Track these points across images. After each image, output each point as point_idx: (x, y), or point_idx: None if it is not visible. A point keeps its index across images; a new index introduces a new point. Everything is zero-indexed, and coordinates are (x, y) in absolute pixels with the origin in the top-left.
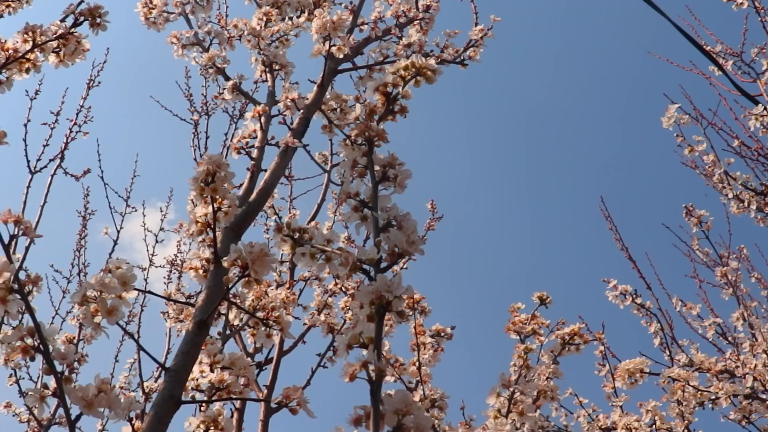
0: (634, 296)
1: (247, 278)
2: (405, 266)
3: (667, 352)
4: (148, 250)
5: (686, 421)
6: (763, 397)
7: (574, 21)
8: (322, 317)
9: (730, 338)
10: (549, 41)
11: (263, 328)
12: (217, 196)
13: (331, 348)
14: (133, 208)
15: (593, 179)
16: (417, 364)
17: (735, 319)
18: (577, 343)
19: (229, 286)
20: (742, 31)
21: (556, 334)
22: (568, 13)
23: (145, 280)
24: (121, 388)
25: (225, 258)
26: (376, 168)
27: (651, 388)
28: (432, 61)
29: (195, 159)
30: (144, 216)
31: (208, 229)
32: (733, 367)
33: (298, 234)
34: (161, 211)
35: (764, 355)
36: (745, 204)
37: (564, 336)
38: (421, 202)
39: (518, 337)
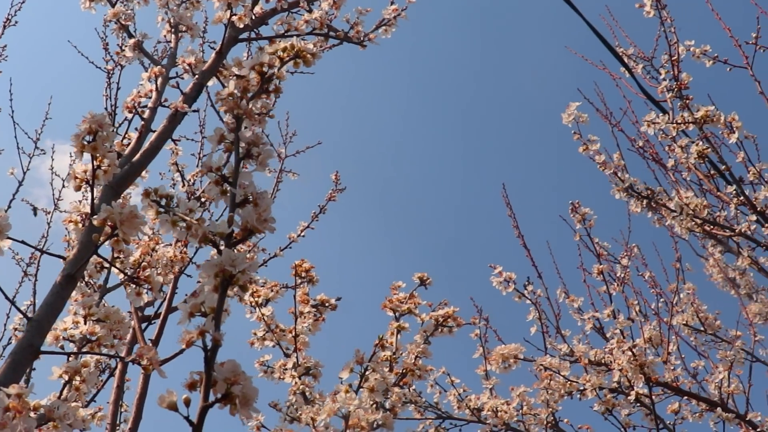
0: (517, 284)
1: (116, 238)
2: (302, 234)
3: (550, 341)
4: (53, 195)
5: (551, 409)
6: (628, 392)
7: (498, 11)
8: None
9: (607, 333)
10: (469, 27)
11: (133, 286)
12: (98, 154)
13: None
14: (41, 150)
15: (505, 167)
16: (293, 331)
17: (606, 316)
18: (450, 325)
19: (98, 244)
20: (655, 36)
21: (430, 315)
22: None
23: (48, 224)
24: None
25: (95, 216)
26: (242, 145)
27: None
28: (311, 45)
29: (106, 108)
30: (52, 159)
31: (86, 186)
32: (607, 361)
33: (164, 200)
34: (71, 156)
35: (629, 352)
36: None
37: (438, 317)
38: (327, 172)
39: (394, 315)
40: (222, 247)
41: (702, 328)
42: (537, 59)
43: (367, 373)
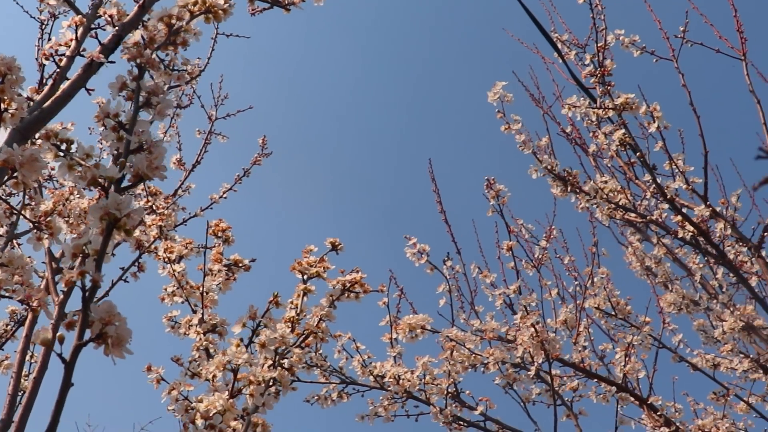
0: (430, 256)
1: (15, 180)
2: (224, 196)
3: (463, 317)
4: None
5: (452, 379)
6: (530, 367)
7: None
8: (136, 232)
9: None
10: (408, 3)
11: (32, 233)
12: (5, 97)
13: (136, 264)
14: None
15: (440, 144)
16: (201, 288)
17: (512, 292)
18: (357, 291)
19: None
20: (590, 24)
21: (337, 280)
22: None
23: None
24: None
25: None
26: (142, 94)
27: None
28: (223, 1)
29: (36, 59)
30: None
31: None
32: (514, 336)
33: (64, 144)
34: None
35: (532, 329)
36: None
37: (345, 282)
38: (254, 136)
39: (302, 277)
40: (111, 191)
41: (613, 313)
42: (475, 40)
43: (259, 329)
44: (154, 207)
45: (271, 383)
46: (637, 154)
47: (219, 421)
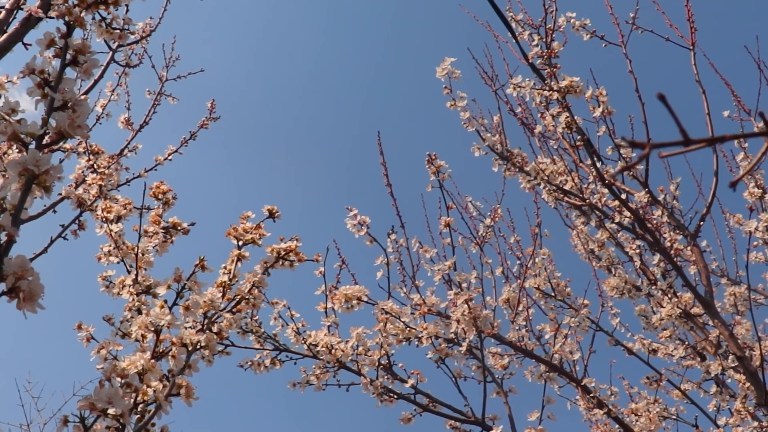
0: (369, 228)
1: None
2: (169, 158)
3: (404, 290)
4: None
5: (384, 352)
6: (462, 343)
7: None
8: (80, 190)
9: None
10: None
11: None
12: None
13: (77, 222)
14: None
15: (396, 118)
16: (135, 249)
17: (447, 268)
18: (291, 259)
19: None
20: (545, 5)
21: (272, 247)
22: None
23: None
24: None
25: None
26: (69, 52)
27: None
28: None
29: None
30: None
31: None
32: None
33: None
34: None
35: (465, 305)
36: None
37: (280, 250)
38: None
39: (236, 243)
40: (30, 147)
41: (553, 294)
42: (432, 15)
43: (183, 291)
44: (96, 166)
45: (198, 346)
46: (579, 137)
47: (136, 380)
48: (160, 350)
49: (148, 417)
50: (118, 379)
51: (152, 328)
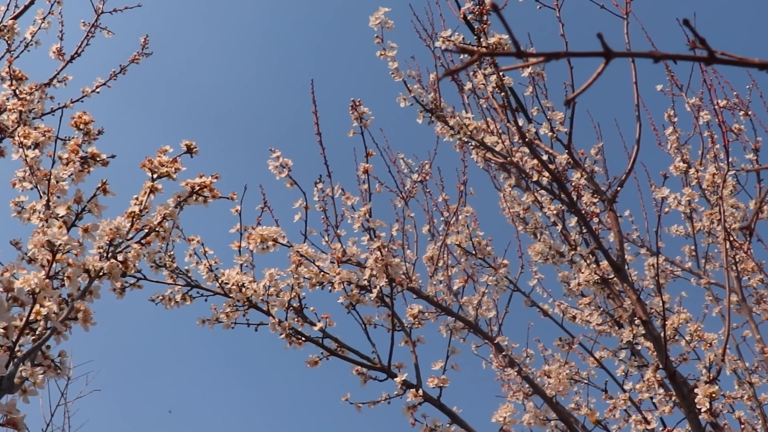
0: (291, 171)
1: None
2: (97, 90)
3: (326, 238)
4: None
5: (295, 294)
6: (373, 289)
7: None
8: (3, 116)
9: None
10: None
11: None
12: None
13: None
14: None
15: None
16: (48, 175)
17: (362, 214)
18: (205, 195)
19: None
20: None
21: (186, 182)
22: None
23: None
24: None
25: None
26: None
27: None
28: None
29: None
30: None
31: None
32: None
33: None
34: None
35: (378, 252)
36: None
37: (194, 185)
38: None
39: (150, 175)
40: None
41: (474, 252)
42: None
43: (83, 213)
44: (17, 92)
45: (101, 273)
46: (502, 94)
47: (23, 295)
48: (55, 271)
49: (43, 338)
50: (2, 293)
51: (48, 248)
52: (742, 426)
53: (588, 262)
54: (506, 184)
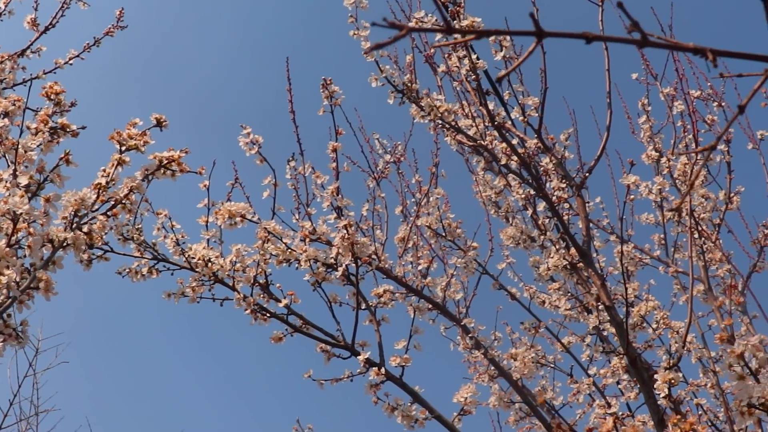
0: (261, 148)
1: None
2: (70, 62)
3: (296, 216)
4: None
5: (261, 270)
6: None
7: None
8: None
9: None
10: None
11: None
12: None
13: None
14: None
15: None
16: (16, 144)
17: (330, 192)
18: (173, 169)
19: None
20: None
21: (154, 155)
22: None
23: None
24: None
25: None
26: None
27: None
28: None
29: None
30: None
31: None
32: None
33: None
34: None
35: (345, 231)
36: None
37: (162, 158)
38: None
39: (119, 147)
40: None
41: (443, 233)
42: None
43: (45, 183)
44: None
45: (65, 244)
46: (473, 77)
47: None
48: (17, 240)
49: (4, 307)
50: None
51: (9, 216)
52: (701, 413)
53: (557, 247)
54: (479, 168)
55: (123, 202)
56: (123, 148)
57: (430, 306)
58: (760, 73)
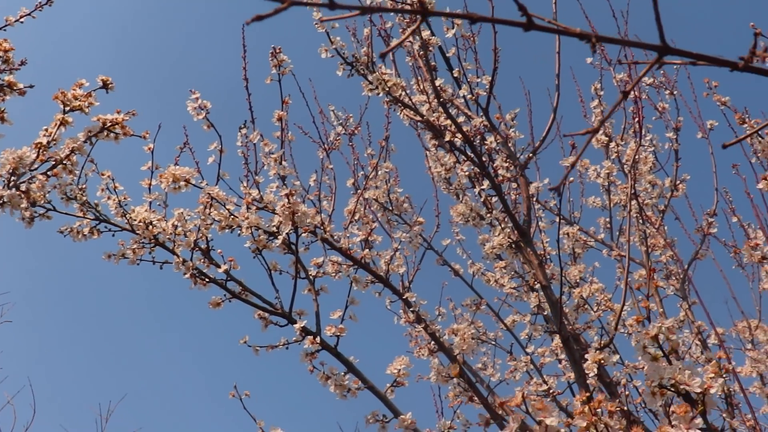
0: (209, 113)
1: None
2: (21, 20)
3: (245, 183)
4: None
5: (202, 235)
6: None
7: None
8: None
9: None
10: None
11: None
12: None
13: None
14: None
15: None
16: None
17: (274, 160)
18: (116, 132)
19: None
20: None
21: (98, 117)
22: None
23: None
24: None
25: None
26: None
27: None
28: None
29: None
30: None
31: None
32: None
33: None
34: None
35: (286, 199)
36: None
37: (106, 121)
38: None
39: (62, 108)
40: None
41: (390, 207)
42: None
43: None
44: None
45: (1, 202)
46: (421, 53)
47: None
48: None
49: None
50: None
51: None
52: (628, 394)
53: (503, 226)
54: (430, 144)
55: (64, 162)
56: (67, 109)
57: (372, 279)
58: (648, 61)
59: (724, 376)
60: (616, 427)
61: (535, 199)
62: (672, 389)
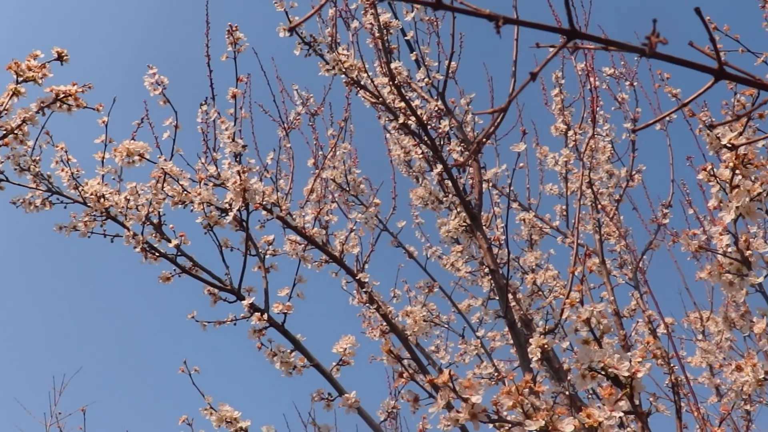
0: (166, 89)
1: None
2: None
3: (203, 159)
4: None
5: (154, 210)
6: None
7: None
8: None
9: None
10: None
11: None
12: None
13: None
14: None
15: None
16: None
17: (226, 137)
18: (69, 103)
19: None
20: None
21: (51, 88)
22: None
23: None
24: None
25: None
26: None
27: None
28: None
29: None
30: None
31: None
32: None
33: None
34: None
35: (237, 175)
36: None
37: (59, 92)
38: None
39: (15, 78)
40: None
41: (347, 188)
42: None
43: None
44: None
45: None
46: (376, 36)
47: None
48: None
49: None
50: None
51: None
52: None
53: (458, 210)
54: (391, 126)
55: (15, 132)
56: (20, 79)
57: (326, 258)
58: (553, 45)
59: (671, 365)
60: (542, 407)
61: (491, 184)
62: (602, 372)
